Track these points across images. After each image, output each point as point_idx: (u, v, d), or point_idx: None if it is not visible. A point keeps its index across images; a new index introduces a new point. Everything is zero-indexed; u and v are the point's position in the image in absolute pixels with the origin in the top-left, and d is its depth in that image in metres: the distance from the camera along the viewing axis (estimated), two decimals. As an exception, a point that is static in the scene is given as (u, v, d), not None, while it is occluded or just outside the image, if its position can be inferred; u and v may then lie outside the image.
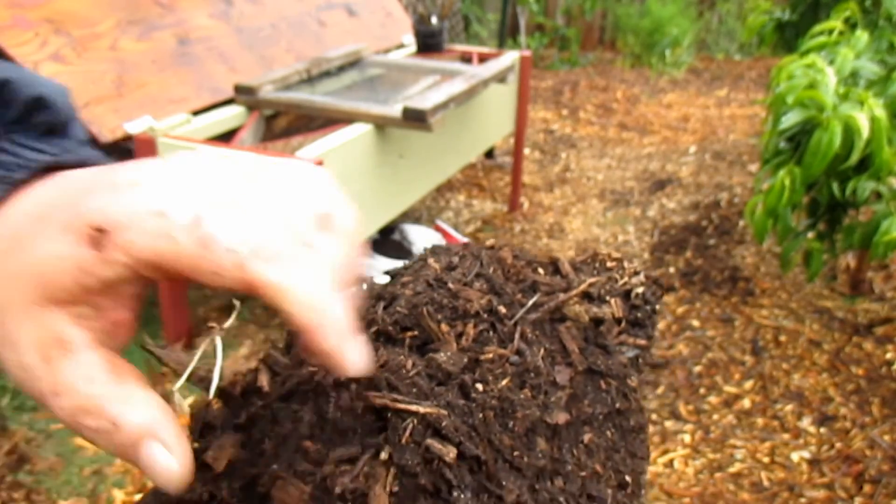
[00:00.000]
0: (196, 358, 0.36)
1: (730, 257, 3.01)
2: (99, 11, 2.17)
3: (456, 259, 0.47)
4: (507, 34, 5.25)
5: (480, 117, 2.91)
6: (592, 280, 0.50)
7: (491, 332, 0.40)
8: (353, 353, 0.29)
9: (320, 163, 1.85)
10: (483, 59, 3.04)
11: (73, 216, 0.28)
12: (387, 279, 0.46)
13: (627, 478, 0.40)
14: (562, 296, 0.46)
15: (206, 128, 2.14)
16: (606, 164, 4.08)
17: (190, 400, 0.35)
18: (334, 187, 0.32)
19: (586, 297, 0.50)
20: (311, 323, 0.28)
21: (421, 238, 2.85)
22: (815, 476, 1.92)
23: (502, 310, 0.42)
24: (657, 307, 0.53)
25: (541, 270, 0.53)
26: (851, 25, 2.47)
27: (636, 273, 0.55)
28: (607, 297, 0.51)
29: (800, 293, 2.73)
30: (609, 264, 0.56)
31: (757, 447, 2.03)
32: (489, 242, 0.53)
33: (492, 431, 0.34)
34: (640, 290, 0.53)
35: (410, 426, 0.32)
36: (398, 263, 0.52)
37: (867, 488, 1.86)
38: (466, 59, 3.08)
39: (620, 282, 0.53)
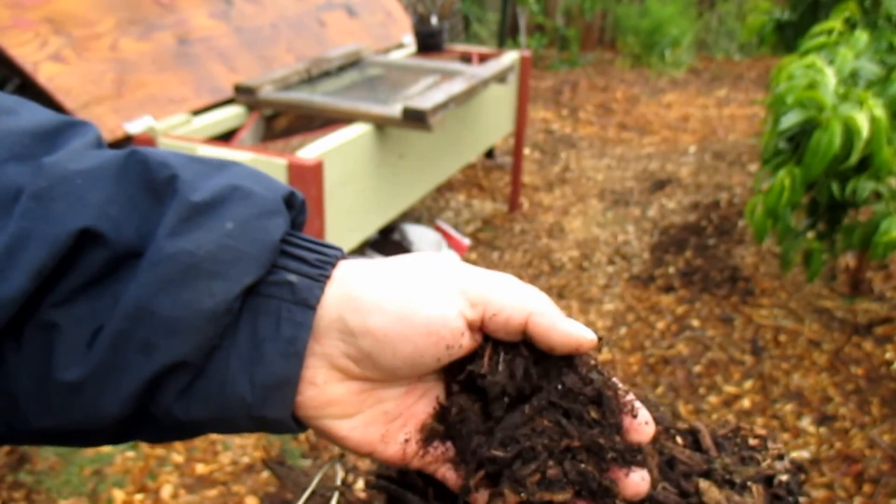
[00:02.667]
0: (315, 482, 0.46)
1: (730, 257, 3.01)
2: (99, 11, 2.17)
3: None
4: (507, 34, 5.26)
5: (480, 117, 2.91)
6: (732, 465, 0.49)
7: None
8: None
9: (320, 163, 1.85)
10: (483, 59, 3.04)
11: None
12: None
13: None
14: (702, 483, 0.47)
15: (206, 128, 2.14)
16: (606, 164, 4.08)
17: None
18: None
19: (727, 481, 0.49)
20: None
21: (421, 238, 2.85)
22: (815, 476, 1.92)
23: None
24: (800, 500, 0.50)
25: (679, 440, 0.52)
26: (851, 25, 2.47)
27: (780, 457, 0.52)
28: (748, 483, 0.49)
29: (800, 293, 2.73)
30: (752, 441, 0.53)
31: (757, 447, 2.03)
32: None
33: None
34: (783, 477, 0.50)
35: None
36: None
37: (867, 488, 1.87)
38: (466, 59, 3.08)
39: (763, 463, 0.51)
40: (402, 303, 0.40)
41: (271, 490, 1.82)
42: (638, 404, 0.43)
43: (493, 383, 0.42)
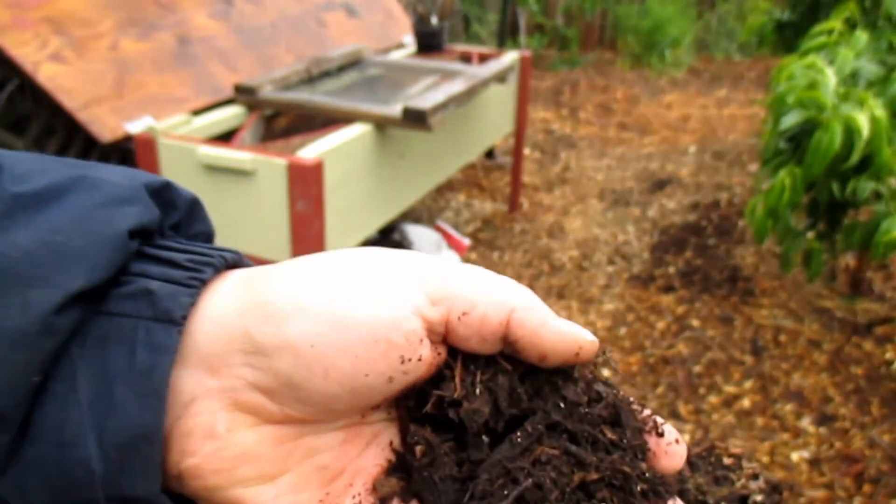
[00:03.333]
0: None
1: (730, 257, 3.01)
2: (99, 11, 2.17)
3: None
4: (507, 34, 5.26)
5: (480, 117, 2.91)
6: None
7: None
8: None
9: (320, 163, 1.85)
10: (483, 59, 3.04)
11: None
12: None
13: None
14: None
15: (206, 128, 2.14)
16: (606, 164, 4.08)
17: None
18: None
19: (699, 502, 0.45)
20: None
21: (421, 238, 2.85)
22: (814, 476, 1.92)
23: None
24: None
25: None
26: (851, 25, 2.47)
27: (755, 476, 0.49)
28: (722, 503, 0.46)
29: (800, 293, 2.73)
30: (726, 460, 0.50)
31: (757, 447, 2.03)
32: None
33: None
34: (758, 497, 0.47)
35: None
36: None
37: (867, 488, 1.87)
38: (466, 59, 3.08)
39: (738, 483, 0.48)
40: (335, 301, 0.30)
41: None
42: (660, 420, 0.34)
43: (471, 412, 0.31)
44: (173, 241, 0.32)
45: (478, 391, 0.32)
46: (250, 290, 0.30)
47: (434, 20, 3.17)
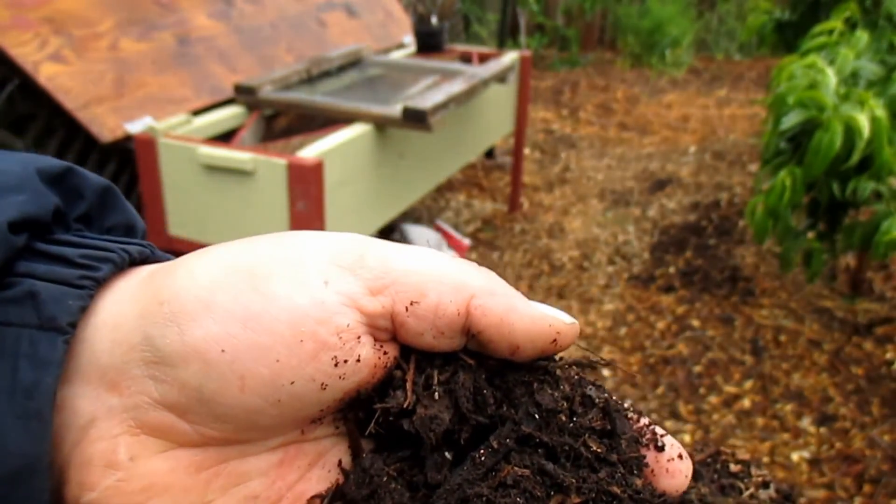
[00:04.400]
0: None
1: (730, 257, 3.01)
2: (99, 11, 2.17)
3: None
4: (507, 34, 5.26)
5: (480, 117, 2.91)
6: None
7: None
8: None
9: (320, 163, 1.85)
10: (483, 59, 3.04)
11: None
12: None
13: None
14: None
15: (206, 128, 2.14)
16: (606, 164, 4.08)
17: None
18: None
19: None
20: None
21: (421, 238, 2.85)
22: (815, 476, 1.92)
23: None
24: None
25: None
26: (851, 25, 2.47)
27: (765, 484, 0.45)
28: None
29: (800, 293, 2.73)
30: (733, 468, 0.46)
31: (757, 447, 2.03)
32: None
33: None
34: None
35: None
36: None
37: (867, 488, 1.86)
38: (466, 59, 3.08)
39: (745, 493, 0.44)
40: (249, 295, 0.25)
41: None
42: (660, 430, 0.28)
43: (427, 420, 0.26)
44: (74, 236, 0.27)
45: (436, 395, 0.26)
46: (152, 287, 0.26)
47: (434, 20, 3.17)
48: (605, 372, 2.37)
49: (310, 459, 0.27)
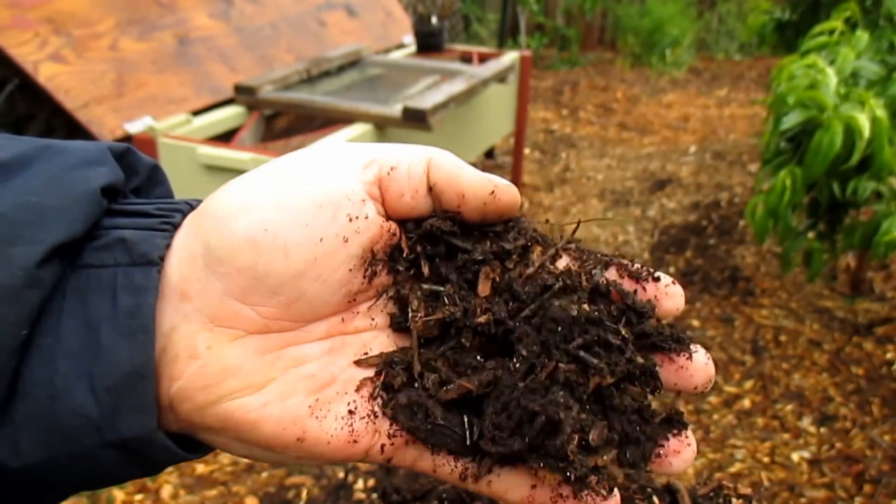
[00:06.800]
0: None
1: (730, 257, 3.01)
2: (99, 11, 2.17)
3: None
4: (507, 34, 5.25)
5: (480, 117, 2.91)
6: None
7: None
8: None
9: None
10: (483, 59, 3.04)
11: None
12: None
13: None
14: None
15: (206, 127, 2.14)
16: (606, 164, 4.08)
17: None
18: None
19: None
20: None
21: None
22: (815, 476, 1.92)
23: None
24: None
25: (656, 500, 0.44)
26: (852, 25, 2.47)
27: None
28: None
29: (800, 293, 2.73)
30: (735, 502, 0.47)
31: (757, 447, 2.03)
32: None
33: None
34: None
35: None
36: None
37: (867, 488, 1.86)
38: (466, 59, 3.08)
39: None
40: (276, 188, 0.32)
41: (271, 490, 1.82)
42: (637, 263, 0.36)
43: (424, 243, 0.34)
44: (140, 200, 0.34)
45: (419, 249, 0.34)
46: (200, 212, 0.32)
47: (434, 20, 3.17)
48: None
49: (355, 349, 0.34)
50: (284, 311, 0.31)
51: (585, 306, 0.32)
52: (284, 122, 2.45)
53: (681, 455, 0.35)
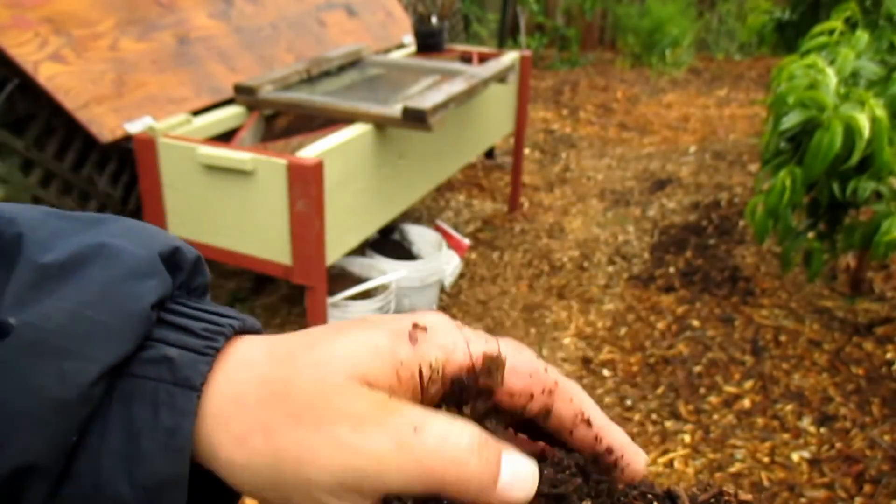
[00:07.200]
0: None
1: (730, 257, 3.01)
2: (99, 11, 2.17)
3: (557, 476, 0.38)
4: (507, 34, 5.25)
5: (480, 117, 2.91)
6: None
7: None
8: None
9: (320, 163, 1.85)
10: (483, 59, 3.04)
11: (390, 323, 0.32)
12: (386, 279, 0.41)
13: None
14: None
15: (206, 128, 2.14)
16: (606, 164, 4.08)
17: None
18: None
19: None
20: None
21: (421, 238, 2.85)
22: (815, 476, 1.92)
23: None
24: None
25: None
26: (852, 25, 2.47)
27: None
28: None
29: (800, 293, 2.73)
30: None
31: (757, 447, 2.03)
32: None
33: None
34: None
35: None
36: (398, 263, 0.48)
37: (867, 488, 1.86)
38: (466, 59, 3.08)
39: None
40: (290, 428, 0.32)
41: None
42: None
43: None
44: (184, 306, 0.34)
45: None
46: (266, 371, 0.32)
47: (434, 20, 3.17)
48: (605, 371, 2.37)
49: None
50: None
51: None
52: (284, 122, 2.45)
53: None
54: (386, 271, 2.36)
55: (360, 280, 2.36)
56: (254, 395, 0.31)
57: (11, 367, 0.29)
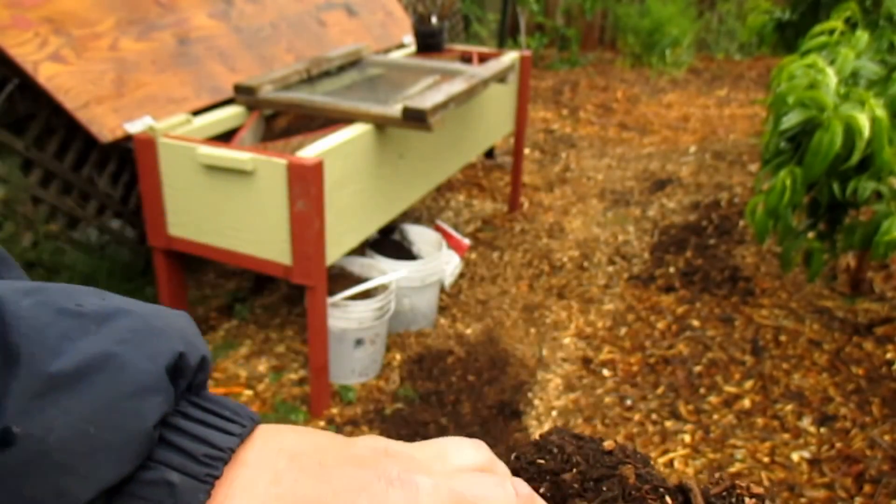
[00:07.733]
0: None
1: (730, 257, 3.01)
2: (99, 11, 2.17)
3: (565, 468, 0.39)
4: (507, 34, 5.25)
5: (480, 117, 2.91)
6: None
7: None
8: None
9: (320, 163, 1.85)
10: (483, 59, 3.04)
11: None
12: (386, 279, 0.41)
13: None
14: None
15: (206, 127, 2.14)
16: (606, 164, 4.08)
17: None
18: None
19: None
20: None
21: (421, 238, 2.85)
22: (815, 476, 1.92)
23: None
24: None
25: (668, 500, 0.45)
26: (852, 25, 2.47)
27: None
28: None
29: (800, 293, 2.73)
30: (748, 501, 0.48)
31: (757, 447, 2.03)
32: (607, 445, 0.43)
33: None
34: None
35: None
36: (398, 263, 0.47)
37: (867, 488, 1.86)
38: (466, 59, 3.08)
39: None
40: None
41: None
42: None
43: None
44: (185, 418, 0.35)
45: None
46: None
47: (434, 20, 3.17)
48: (605, 371, 2.37)
49: None
50: None
51: None
52: (284, 122, 2.45)
53: None
54: (386, 271, 2.36)
55: (360, 280, 2.35)
56: None
57: (10, 478, 0.29)
